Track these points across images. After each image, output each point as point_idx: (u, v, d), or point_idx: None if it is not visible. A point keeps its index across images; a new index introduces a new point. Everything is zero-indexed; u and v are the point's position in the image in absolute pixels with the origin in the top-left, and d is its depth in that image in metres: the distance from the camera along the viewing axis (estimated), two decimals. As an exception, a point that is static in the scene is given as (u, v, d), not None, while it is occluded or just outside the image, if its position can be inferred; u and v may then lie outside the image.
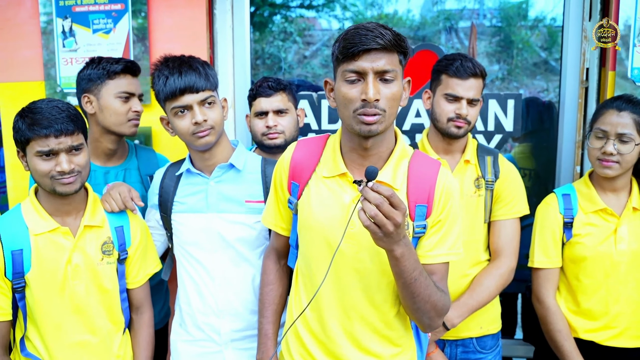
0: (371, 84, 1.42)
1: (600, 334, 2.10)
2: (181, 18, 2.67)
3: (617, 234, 2.06)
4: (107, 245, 1.84)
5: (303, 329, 1.67)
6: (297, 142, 1.73)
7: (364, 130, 1.46)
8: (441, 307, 1.53)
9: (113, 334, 1.87)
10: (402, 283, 1.45)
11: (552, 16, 3.41)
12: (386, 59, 1.43)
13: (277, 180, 1.74)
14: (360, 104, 1.44)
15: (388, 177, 1.55)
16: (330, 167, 1.60)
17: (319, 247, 1.60)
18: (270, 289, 1.83)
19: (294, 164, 1.68)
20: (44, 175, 1.70)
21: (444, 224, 1.58)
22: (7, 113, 2.81)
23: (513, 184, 2.19)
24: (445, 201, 1.57)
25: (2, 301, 1.75)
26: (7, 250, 1.73)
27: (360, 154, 1.56)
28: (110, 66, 2.14)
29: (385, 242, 1.35)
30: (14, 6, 2.76)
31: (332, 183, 1.59)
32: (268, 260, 1.86)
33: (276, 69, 3.74)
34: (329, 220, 1.57)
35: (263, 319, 1.81)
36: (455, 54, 2.13)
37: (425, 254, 1.58)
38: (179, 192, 1.96)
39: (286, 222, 1.76)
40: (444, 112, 2.08)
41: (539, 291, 2.17)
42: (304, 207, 1.63)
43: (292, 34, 3.75)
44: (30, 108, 1.70)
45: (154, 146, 2.71)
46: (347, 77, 1.45)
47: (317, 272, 1.60)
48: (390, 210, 1.29)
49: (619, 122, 1.98)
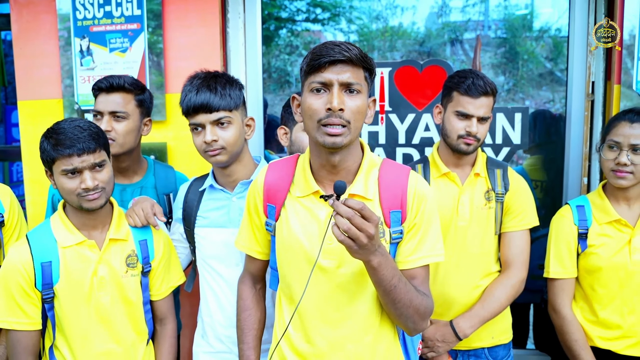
0: (336, 94, 1.45)
1: (617, 343, 2.13)
2: (196, 37, 2.74)
3: (632, 245, 2.08)
4: (131, 258, 1.90)
5: (288, 350, 1.66)
6: (267, 165, 1.74)
7: (328, 142, 1.47)
8: (423, 311, 1.55)
9: (137, 344, 1.93)
10: (382, 291, 1.47)
11: (557, 27, 3.43)
12: (351, 72, 1.46)
13: (250, 204, 1.74)
14: (325, 114, 1.46)
15: (360, 189, 1.57)
16: (302, 186, 1.62)
17: (299, 266, 1.60)
18: (248, 314, 1.82)
19: (267, 186, 1.69)
20: (71, 193, 1.77)
21: (419, 228, 1.59)
22: (26, 130, 2.88)
23: (523, 196, 2.23)
24: (418, 204, 1.58)
25: (32, 311, 1.81)
26: (37, 262, 1.79)
27: (329, 170, 1.58)
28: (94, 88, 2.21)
29: (360, 254, 1.37)
30: (34, 26, 2.84)
31: (306, 202, 1.61)
32: (244, 286, 1.85)
33: (283, 82, 3.78)
34: (308, 238, 1.58)
35: (243, 345, 1.79)
36: (467, 70, 2.16)
37: (405, 260, 1.59)
38: (202, 207, 2.01)
39: (262, 246, 1.77)
40: (454, 129, 2.12)
41: (555, 301, 2.20)
42: (282, 228, 1.64)
43: (298, 47, 3.78)
44: (54, 129, 1.77)
45: (169, 161, 2.77)
46: (313, 87, 1.48)
47: (299, 290, 1.60)
48: (362, 223, 1.31)
49: (631, 134, 2.03)
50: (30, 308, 1.81)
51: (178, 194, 2.12)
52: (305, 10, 3.78)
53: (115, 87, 2.17)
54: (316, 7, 3.75)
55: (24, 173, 2.91)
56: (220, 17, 2.75)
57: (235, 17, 2.80)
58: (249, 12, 2.82)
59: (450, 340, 2.13)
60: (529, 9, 3.50)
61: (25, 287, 1.79)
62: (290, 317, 1.61)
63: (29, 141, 2.90)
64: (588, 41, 2.62)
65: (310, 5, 3.75)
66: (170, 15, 2.74)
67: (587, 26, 2.63)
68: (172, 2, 2.73)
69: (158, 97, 2.75)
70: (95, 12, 2.75)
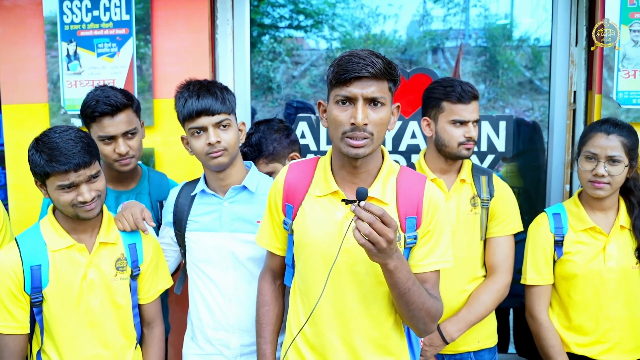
0: (360, 109, 1.50)
1: (592, 348, 2.16)
2: (184, 42, 2.75)
3: (606, 252, 2.12)
4: (121, 261, 1.89)
5: (303, 344, 1.72)
6: (289, 165, 1.81)
7: (351, 152, 1.54)
8: (434, 313, 1.61)
9: (126, 348, 1.92)
10: (397, 293, 1.53)
11: (536, 37, 3.50)
12: (376, 87, 1.51)
13: (271, 202, 1.80)
14: (349, 127, 1.52)
15: (378, 192, 1.63)
16: (322, 186, 1.68)
17: (316, 263, 1.66)
18: (267, 310, 1.87)
19: (287, 186, 1.75)
20: (67, 205, 1.76)
21: (433, 234, 1.66)
22: (11, 134, 2.86)
23: (507, 203, 2.27)
24: (433, 212, 1.65)
25: (20, 315, 1.80)
26: (26, 266, 1.78)
27: (350, 171, 1.64)
28: (88, 112, 2.12)
29: (379, 257, 1.43)
30: (20, 30, 2.82)
31: (324, 201, 1.67)
32: (263, 282, 1.90)
33: (266, 89, 3.79)
34: (324, 237, 1.64)
35: (261, 339, 1.85)
36: (447, 79, 2.20)
37: (417, 264, 1.66)
38: (193, 211, 2.03)
39: (281, 242, 1.82)
40: (453, 137, 2.14)
41: (532, 307, 2.23)
42: (299, 227, 1.70)
43: (281, 53, 3.80)
44: (45, 142, 1.73)
45: (157, 166, 2.77)
46: (338, 99, 1.54)
47: (314, 287, 1.66)
48: (382, 228, 1.37)
49: (608, 145, 2.06)
50: (19, 312, 1.79)
51: (168, 198, 2.13)
52: (288, 17, 3.80)
53: (120, 107, 2.13)
54: (299, 14, 3.78)
55: (8, 178, 2.88)
56: (210, 24, 2.76)
57: (224, 24, 2.81)
58: (238, 19, 2.85)
59: (438, 344, 2.16)
60: (509, 19, 3.56)
61: (14, 290, 1.77)
62: (308, 317, 1.65)
63: (13, 146, 2.87)
64: (570, 51, 2.69)
65: (293, 12, 3.77)
66: (159, 21, 2.74)
67: (569, 37, 2.70)
68: (161, 7, 2.74)
69: (146, 102, 2.75)
70: (82, 17, 2.75)
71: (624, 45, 2.51)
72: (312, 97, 3.78)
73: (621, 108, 2.53)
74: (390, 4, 3.45)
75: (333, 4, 3.69)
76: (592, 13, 2.62)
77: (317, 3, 3.72)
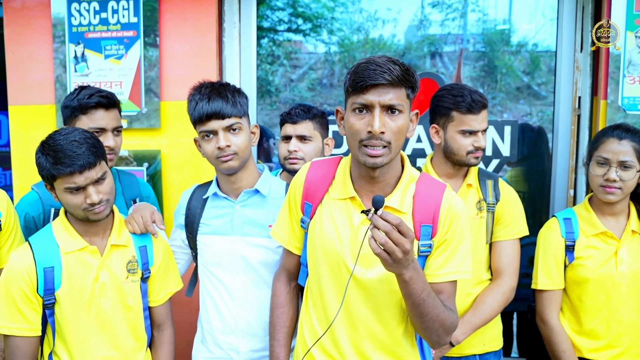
0: (377, 117, 1.48)
1: (603, 353, 2.16)
2: (192, 45, 2.76)
3: (618, 256, 2.13)
4: (132, 264, 1.90)
5: (316, 349, 1.70)
6: (310, 163, 1.79)
7: (368, 162, 1.52)
8: (449, 325, 1.57)
9: (136, 351, 1.92)
10: (411, 304, 1.50)
11: (534, 42, 3.51)
12: (393, 94, 1.48)
13: (291, 198, 1.79)
14: (366, 136, 1.50)
15: (396, 202, 1.61)
16: (341, 190, 1.67)
17: (329, 265, 1.65)
18: (281, 312, 1.85)
19: (307, 184, 1.74)
20: (76, 208, 1.77)
21: (450, 244, 1.62)
22: (17, 135, 2.86)
23: (513, 207, 2.28)
24: (450, 221, 1.62)
25: (33, 317, 1.80)
26: (39, 268, 1.79)
27: (368, 181, 1.63)
28: (83, 101, 2.12)
29: (394, 267, 1.40)
30: (28, 31, 2.83)
31: (342, 204, 1.66)
32: (279, 283, 1.89)
33: (264, 92, 3.79)
34: (339, 240, 1.63)
35: (274, 342, 1.83)
36: (456, 87, 2.20)
37: (433, 273, 1.62)
38: (205, 214, 2.03)
39: (298, 241, 1.80)
40: (462, 147, 2.16)
41: (543, 312, 2.24)
42: (316, 227, 1.69)
43: (280, 57, 3.80)
44: (50, 145, 1.74)
45: (163, 168, 2.78)
46: (355, 107, 1.52)
47: (327, 289, 1.66)
48: (399, 238, 1.34)
49: (620, 150, 2.07)
50: (31, 314, 1.80)
51: (180, 201, 2.13)
52: (287, 20, 3.80)
53: (114, 104, 2.17)
54: (298, 18, 3.77)
55: (14, 180, 2.88)
56: (217, 26, 2.78)
57: (231, 27, 2.83)
58: (245, 22, 2.86)
59: (443, 347, 2.17)
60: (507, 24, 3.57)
61: (27, 292, 1.78)
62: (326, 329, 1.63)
63: (19, 147, 2.87)
64: (575, 57, 2.71)
65: (292, 15, 3.77)
66: (166, 24, 2.75)
67: (574, 43, 2.72)
68: (169, 10, 2.75)
69: (153, 104, 2.76)
70: (90, 19, 2.76)
71: (629, 51, 2.53)
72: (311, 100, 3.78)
73: (626, 114, 2.55)
74: (389, 8, 3.45)
75: (332, 8, 3.69)
76: (598, 19, 2.63)
77: (316, 7, 3.71)
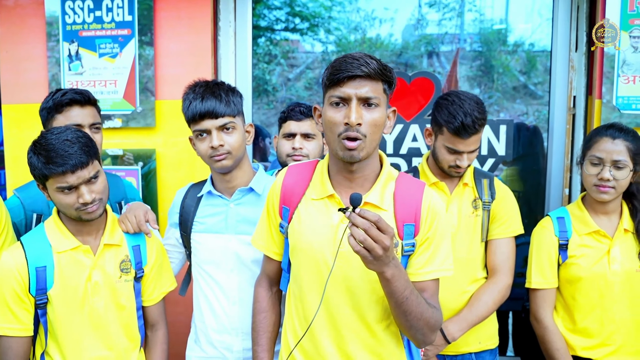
0: (354, 108, 1.48)
1: (597, 351, 2.17)
2: (187, 44, 2.75)
3: (611, 255, 2.14)
4: (125, 263, 1.89)
5: (297, 352, 1.69)
6: (287, 168, 1.78)
7: (346, 155, 1.52)
8: (433, 323, 1.56)
9: (130, 350, 1.91)
10: (394, 302, 1.48)
11: (530, 42, 3.52)
12: (370, 87, 1.49)
13: (269, 204, 1.78)
14: (343, 128, 1.50)
15: (375, 198, 1.60)
16: (319, 189, 1.66)
17: (310, 268, 1.63)
18: (263, 317, 1.84)
19: (284, 189, 1.72)
20: (69, 207, 1.76)
21: (432, 242, 1.62)
22: (10, 134, 2.85)
23: (508, 205, 2.29)
24: (431, 219, 1.61)
25: (25, 317, 1.78)
26: (32, 267, 1.77)
27: (346, 176, 1.61)
28: (56, 99, 2.10)
29: (375, 265, 1.38)
30: (22, 29, 2.82)
31: (320, 205, 1.64)
32: (260, 288, 1.87)
33: (261, 91, 3.79)
34: (319, 241, 1.61)
35: (258, 347, 1.82)
36: (456, 101, 2.11)
37: (416, 272, 1.61)
38: (199, 213, 2.02)
39: (278, 247, 1.79)
40: (445, 159, 2.16)
41: (536, 311, 2.24)
42: (295, 230, 1.67)
43: (277, 56, 3.80)
44: (42, 144, 1.73)
45: (158, 167, 2.77)
46: (332, 101, 1.52)
47: (309, 292, 1.64)
48: (378, 234, 1.33)
49: (614, 150, 2.07)
50: (23, 313, 1.78)
51: (175, 199, 2.13)
52: (284, 19, 3.80)
53: (90, 100, 2.13)
54: (295, 17, 3.77)
55: (7, 178, 2.87)
56: (212, 25, 2.77)
57: (226, 26, 2.82)
58: (240, 21, 2.86)
59: (439, 344, 2.17)
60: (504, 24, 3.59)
61: (19, 292, 1.76)
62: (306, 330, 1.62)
63: (13, 146, 2.86)
64: (570, 56, 2.72)
65: (289, 14, 3.77)
66: (161, 22, 2.74)
67: (568, 43, 2.73)
68: (164, 8, 2.74)
69: (148, 103, 2.74)
70: (85, 17, 2.74)
71: (623, 50, 2.54)
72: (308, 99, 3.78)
73: (621, 113, 2.56)
74: (386, 7, 3.46)
75: (329, 7, 3.69)
76: (593, 18, 2.64)
77: (313, 6, 3.72)
